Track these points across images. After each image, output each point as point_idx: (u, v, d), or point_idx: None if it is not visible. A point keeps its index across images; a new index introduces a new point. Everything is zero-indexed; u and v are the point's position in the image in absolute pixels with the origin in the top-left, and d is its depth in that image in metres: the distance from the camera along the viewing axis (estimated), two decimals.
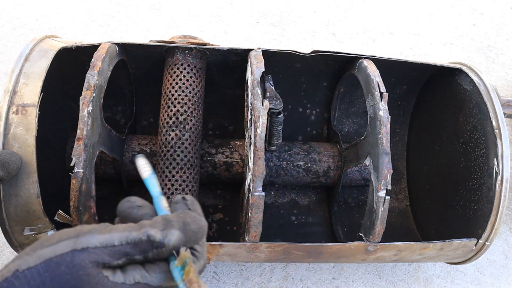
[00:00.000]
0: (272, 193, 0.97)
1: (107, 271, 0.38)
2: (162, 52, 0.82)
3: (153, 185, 0.48)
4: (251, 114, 0.70)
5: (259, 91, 0.69)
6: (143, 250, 0.39)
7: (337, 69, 0.91)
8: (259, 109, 0.67)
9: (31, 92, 0.67)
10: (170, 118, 0.78)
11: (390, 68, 0.86)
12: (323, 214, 0.96)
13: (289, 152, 0.88)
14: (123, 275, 0.39)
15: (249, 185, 0.67)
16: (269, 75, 0.79)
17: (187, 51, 0.79)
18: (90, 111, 0.64)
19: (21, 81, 0.68)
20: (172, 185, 0.76)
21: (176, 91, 0.79)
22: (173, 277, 0.39)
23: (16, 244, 0.69)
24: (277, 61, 0.87)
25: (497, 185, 0.73)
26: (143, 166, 0.49)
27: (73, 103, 0.87)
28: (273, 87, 0.75)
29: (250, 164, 0.68)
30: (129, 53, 0.82)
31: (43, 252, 0.37)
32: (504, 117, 0.77)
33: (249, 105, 0.72)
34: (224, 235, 0.91)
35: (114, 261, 0.38)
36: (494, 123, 0.75)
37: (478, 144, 0.78)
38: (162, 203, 0.46)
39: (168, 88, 0.80)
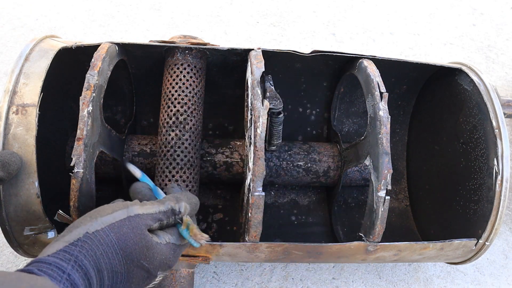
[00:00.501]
0: (272, 193, 0.97)
1: (151, 234, 0.52)
2: (162, 52, 0.82)
3: (148, 180, 0.66)
4: (251, 114, 0.70)
5: (259, 91, 0.69)
6: (168, 216, 0.55)
7: (337, 69, 0.91)
8: (259, 109, 0.67)
9: (31, 92, 0.67)
10: (170, 118, 0.78)
11: (390, 68, 0.86)
12: (323, 214, 0.96)
13: (289, 152, 0.88)
14: (158, 237, 0.53)
15: (249, 185, 0.67)
16: (269, 75, 0.79)
17: (187, 51, 0.79)
18: (90, 111, 0.64)
19: (21, 81, 0.68)
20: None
21: (176, 91, 0.79)
22: (183, 236, 0.56)
23: (16, 244, 0.69)
24: (277, 61, 0.87)
25: (497, 185, 0.73)
26: (134, 169, 0.68)
27: (73, 103, 0.87)
28: (273, 87, 0.75)
29: (250, 164, 0.68)
30: (129, 53, 0.82)
31: (104, 219, 0.49)
32: (504, 117, 0.77)
33: (249, 105, 0.72)
34: (224, 235, 0.91)
35: (154, 223, 0.53)
36: (494, 123, 0.75)
37: (478, 144, 0.78)
38: (159, 191, 0.62)
39: (168, 88, 0.80)
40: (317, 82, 0.95)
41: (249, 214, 0.66)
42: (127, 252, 0.48)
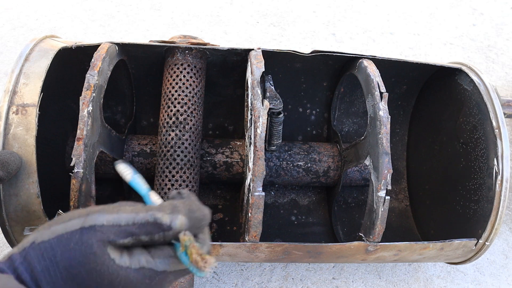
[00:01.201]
0: (272, 193, 0.97)
1: (114, 253, 0.39)
2: (162, 52, 0.82)
3: (138, 184, 0.50)
4: (251, 114, 0.70)
5: (259, 91, 0.69)
6: (149, 232, 0.40)
7: (337, 69, 0.91)
8: (259, 109, 0.67)
9: (31, 92, 0.67)
10: (170, 118, 0.78)
11: (390, 68, 0.86)
12: (323, 214, 0.96)
13: (289, 152, 0.88)
14: (129, 259, 0.40)
15: (249, 185, 0.67)
16: (269, 75, 0.79)
17: (187, 51, 0.79)
18: (90, 111, 0.64)
19: (21, 81, 0.68)
20: (172, 185, 0.76)
21: (176, 91, 0.79)
22: (182, 262, 0.41)
23: (16, 244, 0.69)
24: (277, 61, 0.87)
25: (497, 185, 0.73)
26: (124, 170, 0.52)
27: (73, 103, 0.87)
28: (273, 87, 0.75)
29: (250, 164, 0.68)
30: (129, 53, 0.82)
31: (56, 228, 0.40)
32: (504, 117, 0.77)
33: (249, 105, 0.72)
34: (224, 235, 0.91)
35: (120, 240, 0.40)
36: (494, 123, 0.75)
37: (478, 144, 0.78)
38: (152, 198, 0.48)
39: (168, 88, 0.80)
40: (317, 82, 0.95)
41: (249, 214, 0.66)
42: (72, 274, 0.39)
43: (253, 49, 0.77)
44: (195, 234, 0.44)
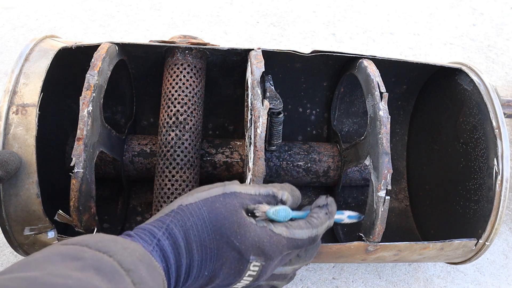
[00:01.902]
0: None
1: (247, 216, 0.50)
2: (162, 52, 0.82)
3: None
4: (251, 114, 0.70)
5: (259, 91, 0.69)
6: (268, 201, 0.52)
7: (337, 69, 0.91)
8: (259, 109, 0.67)
9: (31, 92, 0.67)
10: (170, 118, 0.78)
11: (390, 68, 0.86)
12: None
13: (289, 152, 0.88)
14: (255, 220, 0.50)
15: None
16: (269, 75, 0.79)
17: (187, 51, 0.79)
18: (90, 111, 0.64)
19: (21, 81, 0.68)
20: (172, 185, 0.76)
21: (176, 91, 0.79)
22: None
23: (16, 244, 0.69)
24: (277, 61, 0.87)
25: (497, 185, 0.73)
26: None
27: (73, 103, 0.87)
28: (273, 87, 0.75)
29: (250, 164, 0.68)
30: (129, 53, 0.82)
31: (199, 195, 0.50)
32: (504, 117, 0.77)
33: (249, 105, 0.72)
34: None
35: (252, 204, 0.51)
36: (494, 123, 0.75)
37: (478, 144, 0.78)
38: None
39: (168, 88, 0.80)
40: (317, 82, 0.95)
41: None
42: (216, 227, 0.48)
43: (253, 49, 0.77)
44: (292, 207, 0.55)
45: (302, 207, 0.58)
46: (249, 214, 0.51)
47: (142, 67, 0.88)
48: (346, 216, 0.63)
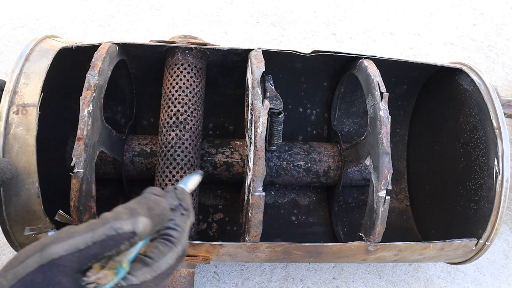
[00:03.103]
0: (273, 193, 0.97)
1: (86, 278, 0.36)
2: (162, 52, 0.82)
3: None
4: (251, 114, 0.70)
5: (259, 91, 0.69)
6: (113, 246, 0.37)
7: (337, 69, 0.91)
8: (260, 109, 0.67)
9: (32, 92, 0.67)
10: (171, 118, 0.78)
11: (391, 68, 0.86)
12: (323, 214, 0.96)
13: (289, 152, 0.88)
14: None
15: (250, 185, 0.67)
16: (270, 75, 0.79)
17: (187, 51, 0.79)
18: (91, 111, 0.64)
19: (22, 81, 0.68)
20: (172, 184, 0.76)
21: (176, 91, 0.79)
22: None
23: (16, 244, 0.69)
24: (277, 61, 0.87)
25: (497, 185, 0.73)
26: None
27: (73, 103, 0.87)
28: (273, 87, 0.75)
29: (251, 164, 0.68)
30: (129, 53, 0.82)
31: (15, 271, 0.35)
32: (505, 117, 0.77)
33: (250, 105, 0.72)
34: (224, 235, 0.91)
35: (85, 265, 0.36)
36: (494, 123, 0.75)
37: (479, 144, 0.78)
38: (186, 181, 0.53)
39: (168, 88, 0.80)
40: (318, 82, 0.94)
41: (250, 214, 0.66)
42: None
43: (253, 49, 0.77)
44: (166, 234, 0.43)
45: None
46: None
47: (142, 67, 0.88)
48: (190, 184, 0.54)
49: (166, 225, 0.43)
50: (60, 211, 0.64)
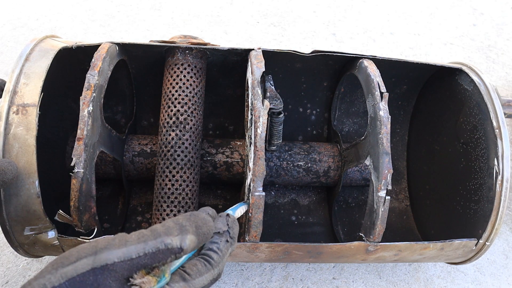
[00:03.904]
0: (273, 193, 0.97)
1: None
2: (162, 52, 0.82)
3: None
4: (251, 114, 0.70)
5: (259, 91, 0.69)
6: (161, 259, 0.40)
7: (337, 69, 0.91)
8: (260, 109, 0.67)
9: (32, 92, 0.67)
10: (171, 118, 0.78)
11: (391, 68, 0.86)
12: (323, 214, 0.96)
13: (289, 152, 0.88)
14: None
15: (250, 185, 0.67)
16: (270, 75, 0.79)
17: (187, 51, 0.79)
18: (91, 111, 0.64)
19: (22, 81, 0.68)
20: (173, 185, 0.76)
21: (176, 91, 0.79)
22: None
23: (16, 244, 0.69)
24: (277, 61, 0.87)
25: (497, 185, 0.73)
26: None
27: (73, 103, 0.87)
28: (273, 87, 0.74)
29: (251, 164, 0.68)
30: (129, 53, 0.82)
31: (65, 271, 0.37)
32: (505, 117, 0.77)
33: (250, 105, 0.72)
34: None
35: (134, 273, 0.39)
36: (494, 123, 0.75)
37: (479, 144, 0.78)
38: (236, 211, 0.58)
39: (168, 88, 0.80)
40: (317, 82, 0.95)
41: (250, 214, 0.66)
42: None
43: (253, 49, 0.77)
44: (206, 255, 0.45)
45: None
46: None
47: (142, 67, 0.88)
48: (237, 212, 0.60)
49: (210, 247, 0.46)
50: (60, 211, 0.64)
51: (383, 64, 0.80)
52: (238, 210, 0.61)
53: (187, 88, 0.79)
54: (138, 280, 0.39)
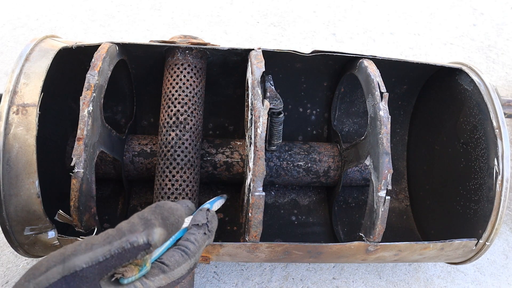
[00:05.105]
0: (273, 193, 0.97)
1: (108, 285, 0.39)
2: (162, 52, 0.82)
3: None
4: (251, 114, 0.70)
5: (259, 91, 0.69)
6: (130, 257, 0.39)
7: (337, 69, 0.91)
8: (260, 109, 0.67)
9: (32, 92, 0.67)
10: (171, 118, 0.78)
11: (391, 68, 0.86)
12: (323, 214, 0.96)
13: (289, 152, 0.88)
14: (126, 285, 0.40)
15: (250, 185, 0.67)
16: (270, 75, 0.79)
17: (187, 51, 0.79)
18: (91, 111, 0.64)
19: (22, 81, 0.68)
20: (173, 185, 0.76)
21: (176, 91, 0.79)
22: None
23: (16, 244, 0.69)
24: (277, 61, 0.87)
25: (497, 185, 0.73)
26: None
27: (73, 103, 0.87)
28: (273, 87, 0.75)
29: (251, 164, 0.68)
30: (129, 53, 0.82)
31: (37, 282, 0.37)
32: (505, 117, 0.77)
33: (250, 105, 0.72)
34: (224, 235, 0.91)
35: (105, 274, 0.38)
36: (494, 123, 0.75)
37: (479, 144, 0.78)
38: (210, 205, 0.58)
39: (168, 88, 0.80)
40: (317, 82, 0.95)
41: (250, 214, 0.66)
42: None
43: (253, 49, 0.77)
44: (184, 246, 0.46)
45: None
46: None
47: (142, 67, 0.88)
48: (212, 205, 0.61)
49: (187, 237, 0.47)
50: (60, 211, 0.64)
51: (383, 64, 0.80)
52: (215, 204, 0.62)
53: (187, 88, 0.79)
54: (121, 268, 0.40)
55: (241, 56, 0.82)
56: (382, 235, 0.69)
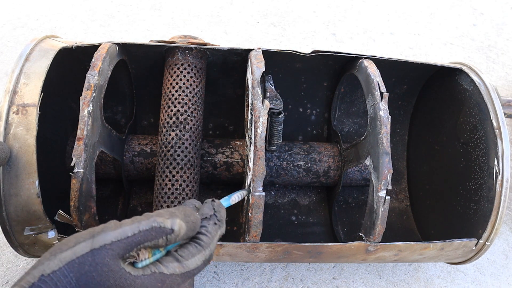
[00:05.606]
0: (273, 193, 0.97)
1: (127, 265, 0.42)
2: (162, 52, 0.82)
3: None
4: (251, 114, 0.70)
5: (259, 91, 0.69)
6: (154, 237, 0.43)
7: (337, 69, 0.91)
8: (260, 109, 0.67)
9: (32, 92, 0.67)
10: (171, 118, 0.78)
11: (391, 68, 0.86)
12: (323, 214, 0.96)
13: (289, 152, 0.88)
14: (141, 267, 0.43)
15: (250, 185, 0.67)
16: (270, 75, 0.79)
17: (187, 51, 0.79)
18: (91, 111, 0.64)
19: (22, 81, 0.68)
20: (173, 185, 0.76)
21: (176, 91, 0.79)
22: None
23: (16, 244, 0.69)
24: (277, 61, 0.87)
25: (497, 185, 0.73)
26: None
27: (73, 103, 0.87)
28: (273, 87, 0.74)
29: (251, 164, 0.68)
30: (129, 53, 0.82)
31: (64, 256, 0.40)
32: (505, 117, 0.77)
33: (250, 105, 0.72)
34: (224, 235, 0.90)
35: (130, 252, 0.42)
36: (494, 123, 0.75)
37: (479, 144, 0.78)
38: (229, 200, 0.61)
39: (168, 88, 0.80)
40: (318, 82, 0.95)
41: (250, 214, 0.66)
42: None
43: (253, 49, 0.77)
44: (197, 238, 0.48)
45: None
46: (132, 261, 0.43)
47: (142, 67, 0.88)
48: (233, 198, 0.63)
49: (199, 231, 0.49)
50: (60, 211, 0.64)
51: (383, 64, 0.80)
52: (234, 196, 0.63)
53: (187, 88, 0.79)
54: (134, 252, 0.43)
55: (241, 56, 0.82)
56: (382, 235, 0.69)
